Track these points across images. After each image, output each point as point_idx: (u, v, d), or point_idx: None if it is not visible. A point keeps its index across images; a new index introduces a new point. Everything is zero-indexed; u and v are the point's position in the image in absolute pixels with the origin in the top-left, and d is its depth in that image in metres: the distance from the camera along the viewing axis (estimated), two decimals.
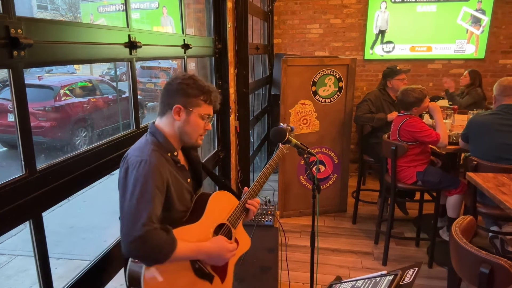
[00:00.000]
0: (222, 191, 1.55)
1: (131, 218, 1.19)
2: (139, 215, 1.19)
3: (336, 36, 5.11)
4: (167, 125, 1.40)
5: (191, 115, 1.38)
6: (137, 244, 1.17)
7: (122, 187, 1.26)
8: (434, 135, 2.72)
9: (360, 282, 1.23)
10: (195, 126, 1.40)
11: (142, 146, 1.34)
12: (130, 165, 1.27)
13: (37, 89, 6.20)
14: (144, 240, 1.16)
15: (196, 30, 3.17)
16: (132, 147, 1.37)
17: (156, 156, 1.30)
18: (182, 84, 1.37)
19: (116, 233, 1.72)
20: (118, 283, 2.91)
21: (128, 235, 1.18)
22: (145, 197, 1.22)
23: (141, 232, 1.16)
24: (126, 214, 1.21)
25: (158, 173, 1.27)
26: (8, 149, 5.86)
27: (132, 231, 1.17)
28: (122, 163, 1.31)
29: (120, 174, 1.29)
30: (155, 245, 1.18)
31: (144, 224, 1.17)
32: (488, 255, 1.27)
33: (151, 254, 1.19)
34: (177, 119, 1.38)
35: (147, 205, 1.21)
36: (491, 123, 2.48)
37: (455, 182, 2.80)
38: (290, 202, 3.72)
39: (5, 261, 3.42)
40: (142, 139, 1.39)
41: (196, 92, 1.38)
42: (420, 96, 2.77)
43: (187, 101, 1.37)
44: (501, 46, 4.85)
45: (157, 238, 1.19)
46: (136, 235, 1.16)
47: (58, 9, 15.01)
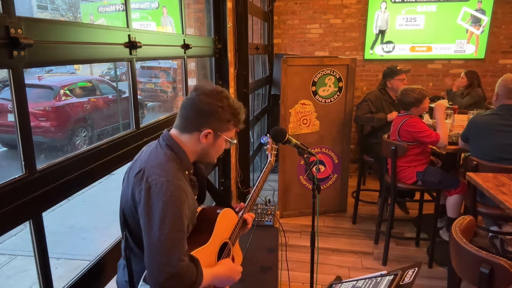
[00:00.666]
0: (227, 209, 1.48)
1: (164, 252, 1.09)
2: (174, 249, 1.10)
3: (336, 36, 5.11)
4: (190, 143, 1.29)
5: (219, 139, 1.30)
6: (173, 282, 1.09)
7: (146, 211, 1.13)
8: (434, 135, 2.72)
9: (361, 282, 1.23)
10: (218, 149, 1.34)
11: (162, 162, 1.21)
12: (153, 186, 1.14)
13: (37, 89, 6.20)
14: (181, 277, 1.10)
15: (196, 30, 3.17)
16: (147, 160, 1.23)
17: (181, 178, 1.20)
18: (217, 107, 1.25)
19: (116, 233, 1.73)
20: None
21: (162, 272, 1.08)
22: (178, 227, 1.12)
23: (178, 268, 1.09)
24: (158, 246, 1.09)
25: (185, 198, 1.18)
26: (8, 149, 5.86)
27: (167, 267, 1.08)
28: (139, 179, 1.17)
29: (140, 194, 1.16)
30: (189, 280, 1.13)
31: (181, 259, 1.10)
32: (488, 255, 1.27)
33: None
34: (204, 141, 1.28)
35: (180, 236, 1.13)
36: (492, 123, 2.48)
37: (455, 182, 2.80)
38: (290, 202, 3.72)
39: (5, 261, 3.42)
40: (159, 152, 1.25)
41: (229, 117, 1.28)
42: (419, 96, 2.77)
43: (217, 125, 1.27)
44: (501, 46, 4.85)
45: (191, 273, 1.13)
46: (172, 272, 1.08)
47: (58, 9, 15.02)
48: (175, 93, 9.61)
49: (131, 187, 1.20)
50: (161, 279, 1.08)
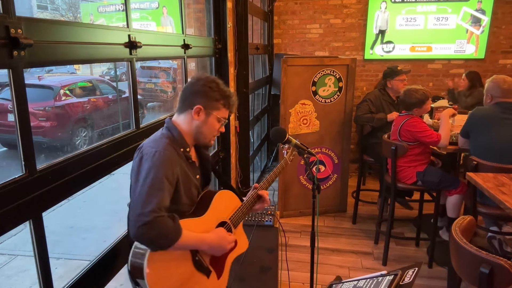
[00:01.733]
0: (227, 191, 1.59)
1: (141, 204, 1.24)
2: (149, 201, 1.24)
3: (336, 36, 5.11)
4: (185, 122, 1.47)
5: (210, 117, 1.46)
6: (145, 229, 1.21)
7: (135, 174, 1.32)
8: (435, 135, 2.72)
9: (362, 282, 1.23)
10: (211, 127, 1.48)
11: (157, 139, 1.40)
12: (144, 155, 1.33)
13: (37, 89, 6.20)
14: (152, 226, 1.21)
15: (196, 30, 3.17)
16: (147, 139, 1.44)
17: (169, 150, 1.37)
18: (206, 87, 1.44)
19: (116, 233, 1.73)
20: (118, 283, 2.92)
21: (137, 220, 1.22)
22: (156, 186, 1.27)
23: (150, 217, 1.21)
24: (137, 199, 1.26)
25: (169, 165, 1.33)
26: (8, 149, 5.86)
27: (142, 216, 1.22)
28: (137, 153, 1.37)
29: (134, 163, 1.36)
30: (162, 231, 1.23)
31: (153, 211, 1.22)
32: (488, 255, 1.27)
33: (158, 240, 1.23)
34: (196, 118, 1.45)
35: (158, 193, 1.27)
36: (492, 116, 2.48)
37: (455, 182, 2.80)
38: (290, 202, 3.72)
39: (5, 261, 3.42)
40: (158, 133, 1.45)
41: (218, 96, 1.46)
42: (422, 97, 2.77)
43: (208, 103, 1.44)
44: (501, 46, 4.85)
45: (164, 225, 1.24)
46: (145, 220, 1.21)
47: (58, 9, 15.02)
48: (175, 93, 9.61)
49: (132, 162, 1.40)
50: (136, 227, 1.22)
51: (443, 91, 5.05)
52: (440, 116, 2.92)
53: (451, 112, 2.98)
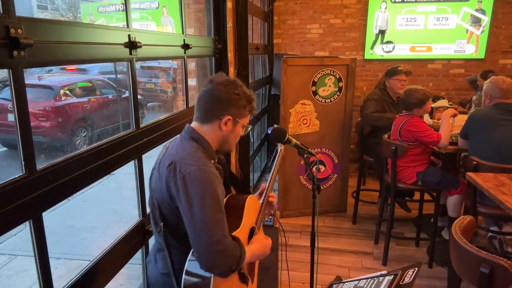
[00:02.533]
0: (252, 196, 1.55)
1: (210, 232, 1.15)
2: (217, 227, 1.16)
3: (336, 36, 5.11)
4: (211, 132, 1.37)
5: (237, 126, 1.40)
6: (222, 258, 1.15)
7: (186, 199, 1.19)
8: (435, 135, 2.72)
9: (363, 281, 1.23)
10: (237, 135, 1.43)
11: (191, 153, 1.28)
12: (187, 175, 1.20)
13: (37, 89, 6.19)
14: (229, 253, 1.16)
15: (196, 30, 3.17)
16: (176, 153, 1.30)
17: (210, 165, 1.28)
18: (234, 95, 1.35)
19: (116, 233, 1.73)
20: (118, 283, 2.92)
21: (211, 251, 1.14)
22: (217, 208, 1.20)
23: (225, 245, 1.16)
24: (203, 228, 1.16)
25: (218, 182, 1.26)
26: (8, 149, 5.86)
27: (215, 245, 1.14)
28: (171, 171, 1.24)
29: (176, 185, 1.22)
30: (236, 256, 1.19)
31: (226, 237, 1.17)
32: (488, 255, 1.27)
33: (232, 265, 1.18)
34: (224, 129, 1.36)
35: (221, 216, 1.20)
36: (491, 117, 2.48)
37: (455, 182, 2.80)
38: (290, 202, 3.72)
39: (5, 261, 3.42)
40: (185, 145, 1.33)
41: (245, 103, 1.38)
42: (423, 98, 2.77)
43: (236, 112, 1.37)
44: (501, 46, 4.86)
45: (236, 249, 1.20)
46: (220, 249, 1.15)
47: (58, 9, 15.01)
48: (175, 93, 9.60)
49: (165, 180, 1.26)
50: (212, 258, 1.14)
51: (443, 91, 5.05)
52: (441, 116, 2.92)
53: (452, 112, 2.98)
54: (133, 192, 1.92)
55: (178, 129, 2.36)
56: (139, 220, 1.88)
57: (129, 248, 1.77)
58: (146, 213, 1.94)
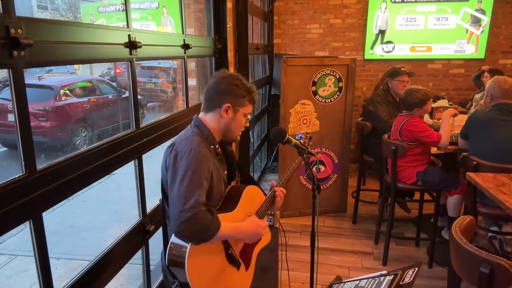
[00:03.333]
0: (253, 186, 1.64)
1: (181, 201, 1.29)
2: (189, 198, 1.29)
3: (336, 36, 5.11)
4: (213, 120, 1.52)
5: (237, 114, 1.52)
6: (187, 225, 1.27)
7: (172, 172, 1.36)
8: (436, 135, 2.72)
9: (363, 281, 1.23)
10: (239, 123, 1.54)
11: (189, 137, 1.46)
12: (179, 152, 1.38)
13: (37, 89, 6.19)
14: (194, 221, 1.27)
15: (196, 30, 3.16)
16: (178, 137, 1.50)
17: (203, 147, 1.43)
18: (232, 85, 1.49)
19: (116, 233, 1.73)
20: (118, 283, 2.92)
21: (179, 217, 1.28)
22: (195, 183, 1.33)
23: (191, 213, 1.27)
24: (177, 197, 1.31)
25: (205, 162, 1.39)
26: (8, 149, 5.86)
27: (183, 213, 1.27)
28: (170, 151, 1.42)
29: (169, 161, 1.40)
30: (203, 224, 1.29)
31: (193, 207, 1.28)
32: (488, 255, 1.27)
33: (200, 234, 1.30)
34: (225, 116, 1.50)
35: (197, 190, 1.32)
36: (491, 118, 2.48)
37: (455, 182, 2.80)
38: (290, 202, 3.72)
39: (5, 261, 3.42)
40: (188, 131, 1.51)
41: (244, 92, 1.51)
42: (423, 98, 2.77)
43: (236, 101, 1.50)
44: (501, 46, 4.86)
45: (205, 219, 1.30)
46: (186, 216, 1.27)
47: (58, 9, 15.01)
48: (175, 93, 9.60)
49: (164, 159, 1.45)
50: (178, 223, 1.28)
51: (443, 91, 5.05)
52: (441, 116, 2.92)
53: (452, 112, 2.98)
54: (133, 192, 1.92)
55: (178, 129, 2.35)
56: (139, 220, 1.88)
57: (129, 248, 1.77)
58: (146, 213, 1.94)
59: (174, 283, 1.40)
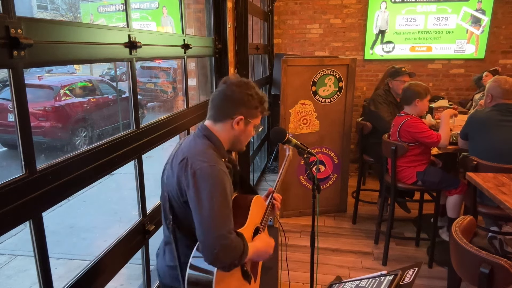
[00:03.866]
0: (258, 196, 1.57)
1: (217, 226, 1.19)
2: (224, 222, 1.20)
3: (336, 36, 5.11)
4: (223, 131, 1.41)
5: (249, 125, 1.42)
6: (225, 252, 1.19)
7: (195, 193, 1.24)
8: (435, 136, 2.72)
9: (364, 281, 1.23)
10: (249, 135, 1.46)
11: (202, 150, 1.33)
12: (198, 171, 1.25)
13: (37, 89, 6.19)
14: (232, 248, 1.20)
15: (196, 30, 3.16)
16: (188, 150, 1.34)
17: (220, 163, 1.33)
18: (247, 95, 1.38)
19: (116, 233, 1.73)
20: (118, 283, 2.92)
21: (216, 244, 1.18)
22: (225, 204, 1.24)
23: (229, 240, 1.19)
24: (210, 221, 1.20)
25: (228, 180, 1.30)
26: (8, 149, 5.86)
27: (220, 239, 1.18)
28: (183, 167, 1.29)
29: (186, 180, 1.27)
30: (239, 250, 1.23)
31: (231, 232, 1.21)
32: (488, 255, 1.27)
33: (235, 260, 1.22)
34: (236, 128, 1.40)
35: (228, 212, 1.24)
36: (491, 119, 2.48)
37: (455, 182, 2.80)
38: (290, 202, 3.72)
39: (5, 261, 3.42)
40: (198, 143, 1.37)
41: (257, 104, 1.41)
42: (424, 89, 2.80)
43: (249, 112, 1.40)
44: (501, 46, 4.86)
45: (240, 244, 1.23)
46: (224, 243, 1.18)
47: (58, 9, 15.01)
48: (175, 93, 9.60)
49: (176, 175, 1.31)
50: (216, 250, 1.18)
51: (443, 91, 5.05)
52: (440, 116, 2.93)
53: (452, 112, 2.98)
54: (133, 192, 1.92)
55: (178, 129, 2.36)
56: (139, 220, 1.88)
57: (129, 248, 1.77)
58: (146, 213, 1.94)
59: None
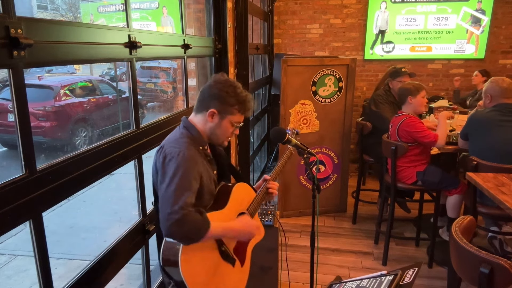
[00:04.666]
0: (243, 183, 1.65)
1: (170, 203, 1.29)
2: (178, 199, 1.29)
3: (336, 36, 5.11)
4: (200, 122, 1.52)
5: (224, 121, 1.50)
6: (177, 226, 1.27)
7: (161, 174, 1.37)
8: (432, 136, 2.72)
9: (363, 281, 1.23)
10: (224, 130, 1.53)
11: (177, 139, 1.46)
12: (168, 155, 1.38)
13: (37, 89, 6.19)
14: (182, 222, 1.27)
15: (196, 30, 3.16)
16: (167, 139, 1.49)
17: (192, 149, 1.43)
18: (223, 91, 1.47)
19: (116, 233, 1.73)
20: (118, 283, 2.92)
21: (167, 218, 1.28)
22: (184, 186, 1.33)
23: (179, 215, 1.27)
24: (165, 199, 1.31)
25: (194, 164, 1.40)
26: (8, 149, 5.86)
27: (172, 214, 1.27)
28: (159, 153, 1.43)
29: (158, 163, 1.41)
30: (192, 226, 1.30)
31: (182, 208, 1.28)
32: (488, 255, 1.27)
33: (189, 234, 1.30)
34: (210, 121, 1.50)
35: (185, 192, 1.32)
36: (491, 119, 2.48)
37: (455, 182, 2.80)
38: (290, 202, 3.72)
39: (5, 261, 3.43)
40: (176, 132, 1.51)
41: (233, 101, 1.48)
42: (415, 86, 2.83)
43: (222, 107, 1.48)
44: (501, 46, 4.86)
45: (194, 220, 1.30)
46: (175, 218, 1.27)
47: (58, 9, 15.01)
48: (175, 93, 9.61)
49: (155, 160, 1.45)
50: (168, 225, 1.28)
51: (443, 91, 5.05)
52: (437, 117, 2.93)
53: (448, 115, 2.95)
54: (133, 192, 1.92)
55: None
56: (139, 220, 1.88)
57: (129, 248, 1.77)
58: (146, 213, 1.94)
59: (170, 283, 1.39)
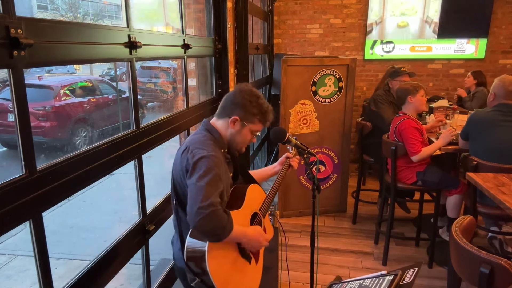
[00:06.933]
0: (255, 184, 1.72)
1: (201, 198, 1.34)
2: (208, 196, 1.34)
3: (336, 36, 5.11)
4: (222, 127, 1.60)
5: (244, 128, 1.59)
6: (205, 221, 1.31)
7: (191, 173, 1.42)
8: (416, 148, 2.70)
9: (367, 281, 1.23)
10: (244, 137, 1.61)
11: (202, 141, 1.53)
12: (197, 154, 1.44)
13: (37, 89, 6.19)
14: (211, 218, 1.32)
15: (196, 30, 3.16)
16: (190, 142, 1.53)
17: (217, 152, 1.51)
18: (246, 100, 1.57)
19: (116, 233, 1.73)
20: (118, 283, 2.92)
21: (197, 213, 1.32)
22: (214, 184, 1.39)
23: (209, 210, 1.31)
24: (195, 195, 1.35)
25: (221, 165, 1.47)
26: (8, 149, 5.86)
27: (201, 209, 1.32)
28: (185, 153, 1.48)
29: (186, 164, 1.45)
30: (220, 223, 1.34)
31: (213, 205, 1.33)
32: (488, 255, 1.27)
33: (216, 231, 1.35)
34: (232, 127, 1.58)
35: (214, 190, 1.38)
36: (492, 119, 2.48)
37: (455, 182, 2.80)
38: (290, 202, 3.72)
39: (5, 261, 3.43)
40: (199, 135, 1.57)
41: (256, 111, 1.58)
42: (413, 86, 2.82)
43: (245, 116, 1.57)
44: (501, 46, 4.85)
45: (221, 217, 1.35)
46: (204, 213, 1.31)
47: (58, 9, 15.00)
48: (175, 93, 9.61)
49: (180, 160, 1.50)
50: (196, 220, 1.32)
51: (443, 91, 5.05)
52: (443, 133, 2.86)
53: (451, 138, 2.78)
54: (133, 192, 1.92)
55: (178, 129, 2.36)
56: (139, 220, 1.88)
57: (129, 248, 1.77)
58: (146, 213, 1.94)
59: (195, 280, 1.42)
